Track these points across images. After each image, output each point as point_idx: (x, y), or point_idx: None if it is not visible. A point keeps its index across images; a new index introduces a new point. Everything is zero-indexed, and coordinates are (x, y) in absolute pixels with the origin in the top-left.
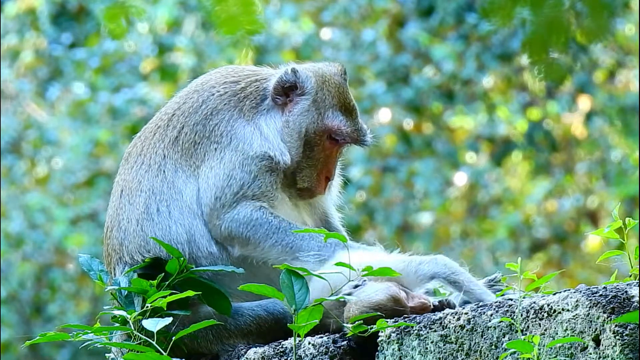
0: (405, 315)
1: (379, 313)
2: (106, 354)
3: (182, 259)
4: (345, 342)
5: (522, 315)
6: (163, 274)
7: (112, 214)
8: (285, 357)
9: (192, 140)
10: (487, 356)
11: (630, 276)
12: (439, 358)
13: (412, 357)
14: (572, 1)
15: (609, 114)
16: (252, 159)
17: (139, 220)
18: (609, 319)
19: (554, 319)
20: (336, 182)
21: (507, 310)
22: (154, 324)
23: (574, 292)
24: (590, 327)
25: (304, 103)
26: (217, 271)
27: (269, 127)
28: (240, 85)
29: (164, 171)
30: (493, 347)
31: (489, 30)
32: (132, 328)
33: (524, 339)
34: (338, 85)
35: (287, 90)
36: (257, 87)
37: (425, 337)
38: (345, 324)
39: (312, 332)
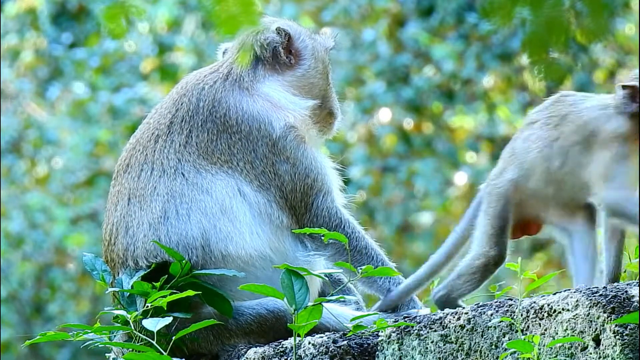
0: (405, 315)
1: None
2: (106, 354)
3: (184, 261)
4: (345, 342)
5: (522, 315)
6: (166, 276)
7: (116, 222)
8: (285, 357)
9: (207, 140)
10: (487, 356)
11: (625, 272)
12: (439, 358)
13: (413, 356)
14: (572, 1)
15: None
16: (279, 140)
17: (152, 225)
18: (609, 318)
19: (554, 319)
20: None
21: (507, 310)
22: (154, 324)
23: (574, 292)
24: (590, 327)
25: (307, 44)
26: (219, 275)
27: (276, 91)
28: (223, 70)
29: (182, 174)
30: (493, 346)
31: (489, 30)
32: (133, 328)
33: (524, 339)
34: (296, 22)
35: (287, 48)
36: (240, 65)
37: (425, 337)
38: (345, 324)
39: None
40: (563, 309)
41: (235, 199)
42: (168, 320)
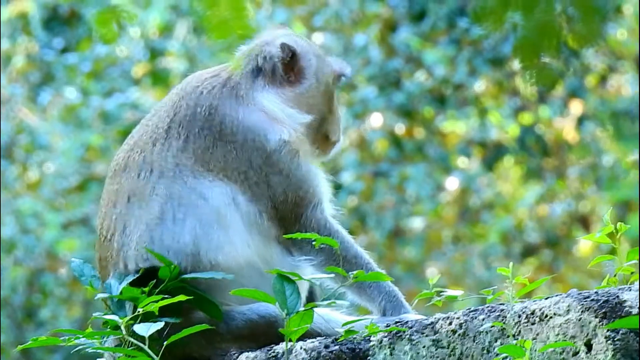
0: (397, 320)
1: None
2: (98, 359)
3: (172, 265)
4: (337, 347)
5: (513, 319)
6: (155, 281)
7: (115, 219)
8: None
9: (204, 147)
10: None
11: (616, 276)
12: None
13: None
14: (564, 5)
15: (600, 119)
16: (273, 153)
17: (149, 225)
18: (600, 323)
19: (546, 324)
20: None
21: (499, 315)
22: (145, 329)
23: (566, 297)
24: (582, 332)
25: (312, 64)
26: (208, 278)
27: (272, 103)
28: (223, 76)
29: (182, 178)
30: (485, 351)
31: (481, 34)
32: (124, 333)
33: (516, 344)
34: (308, 38)
35: (289, 64)
36: (242, 72)
37: (417, 342)
38: (337, 329)
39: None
40: (555, 314)
41: (229, 207)
42: (160, 325)
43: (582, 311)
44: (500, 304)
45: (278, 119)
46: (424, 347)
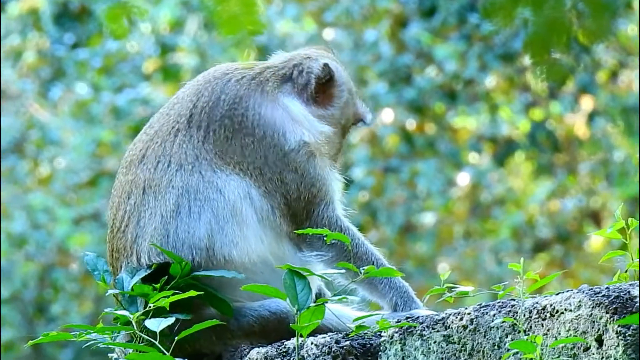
0: (408, 316)
1: None
2: (109, 354)
3: (184, 262)
4: (347, 342)
5: (524, 315)
6: (166, 277)
7: (129, 210)
8: (288, 357)
9: (223, 137)
10: (490, 356)
11: (627, 271)
12: (442, 358)
13: (415, 357)
14: (574, 1)
15: (611, 114)
16: (292, 152)
17: (164, 218)
18: (611, 319)
19: (557, 319)
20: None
21: (510, 311)
22: (156, 324)
23: (577, 292)
24: (592, 328)
25: (343, 95)
26: (219, 277)
27: (296, 106)
28: (255, 70)
29: (199, 171)
30: (496, 347)
31: (491, 30)
32: (135, 328)
33: (527, 339)
34: (347, 73)
35: (322, 86)
36: (274, 73)
37: (428, 338)
38: (348, 324)
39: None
40: (566, 310)
41: (245, 202)
42: (171, 320)
43: (593, 307)
44: (511, 300)
45: (299, 122)
46: (434, 342)
